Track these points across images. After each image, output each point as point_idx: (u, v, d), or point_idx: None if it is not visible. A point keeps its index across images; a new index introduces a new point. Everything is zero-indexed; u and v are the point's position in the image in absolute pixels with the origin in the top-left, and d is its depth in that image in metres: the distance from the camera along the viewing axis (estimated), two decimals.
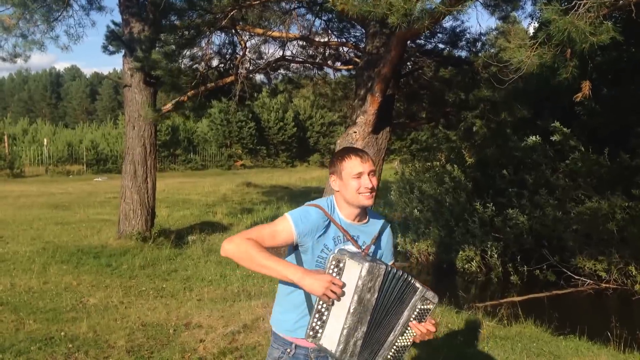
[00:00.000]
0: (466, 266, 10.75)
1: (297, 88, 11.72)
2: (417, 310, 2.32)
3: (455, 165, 11.76)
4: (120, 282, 7.44)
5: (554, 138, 9.55)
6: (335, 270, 2.22)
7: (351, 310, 2.19)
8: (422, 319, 2.34)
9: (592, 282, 9.42)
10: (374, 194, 2.44)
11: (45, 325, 5.67)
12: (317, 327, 2.26)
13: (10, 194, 18.47)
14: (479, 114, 9.13)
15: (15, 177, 26.37)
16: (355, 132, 6.16)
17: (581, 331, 6.34)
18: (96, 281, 7.47)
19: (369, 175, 2.42)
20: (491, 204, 10.40)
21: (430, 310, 2.35)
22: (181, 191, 20.69)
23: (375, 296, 2.21)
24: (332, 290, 2.20)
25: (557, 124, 9.43)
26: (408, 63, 8.37)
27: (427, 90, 8.88)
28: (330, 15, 9.17)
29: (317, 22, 9.55)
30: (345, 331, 2.21)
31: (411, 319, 2.32)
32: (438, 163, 13.13)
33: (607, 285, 9.33)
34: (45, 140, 32.05)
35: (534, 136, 9.92)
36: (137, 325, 5.76)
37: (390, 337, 2.32)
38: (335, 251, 2.34)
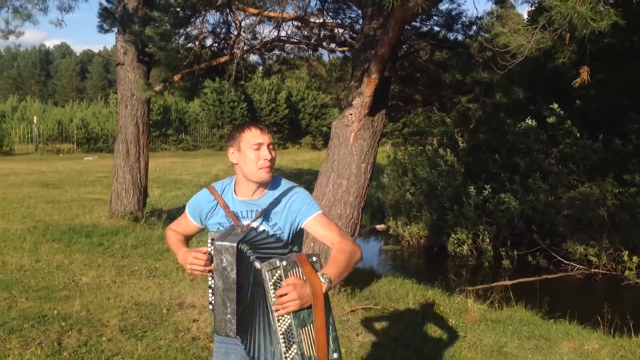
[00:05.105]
0: (457, 250, 10.81)
1: (291, 69, 11.62)
2: (273, 285, 1.98)
3: (448, 150, 11.78)
4: (113, 262, 7.42)
5: (550, 120, 9.56)
6: (211, 248, 2.22)
7: (217, 289, 2.21)
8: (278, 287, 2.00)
9: (582, 267, 9.51)
10: (272, 167, 2.40)
11: (38, 303, 5.64)
12: (211, 301, 2.30)
13: (0, 171, 18.32)
14: (473, 97, 9.12)
15: (4, 155, 26.16)
16: (351, 114, 6.13)
17: (571, 315, 6.39)
18: (88, 260, 7.45)
19: (268, 147, 2.37)
20: (488, 186, 10.44)
21: (280, 276, 1.98)
22: (173, 171, 20.63)
23: (234, 273, 2.16)
24: (194, 265, 2.26)
25: (554, 105, 9.44)
26: (404, 46, 8.32)
27: (423, 73, 8.83)
28: None
29: (313, 2, 9.46)
30: (216, 308, 2.23)
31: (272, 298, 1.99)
32: (430, 147, 13.15)
33: (597, 270, 9.42)
34: (34, 118, 31.75)
35: (529, 119, 9.94)
36: (130, 305, 5.75)
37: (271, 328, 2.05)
38: (215, 229, 2.39)
